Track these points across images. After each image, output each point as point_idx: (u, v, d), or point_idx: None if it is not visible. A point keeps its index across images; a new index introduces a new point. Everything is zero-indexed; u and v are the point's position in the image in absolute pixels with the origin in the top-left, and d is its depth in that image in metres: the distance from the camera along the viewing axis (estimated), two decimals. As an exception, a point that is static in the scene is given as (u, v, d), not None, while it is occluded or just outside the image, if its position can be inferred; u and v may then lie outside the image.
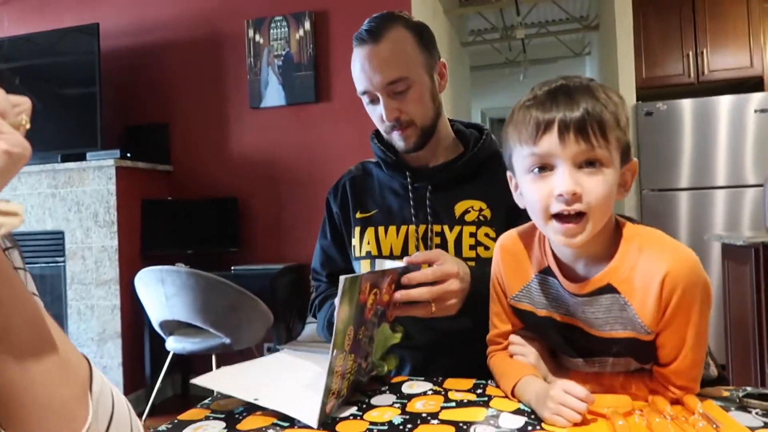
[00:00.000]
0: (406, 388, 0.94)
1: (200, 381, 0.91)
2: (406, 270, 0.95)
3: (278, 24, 3.30)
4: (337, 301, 0.77)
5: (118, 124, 3.51)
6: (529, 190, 0.79)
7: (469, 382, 0.95)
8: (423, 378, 0.99)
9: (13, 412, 0.46)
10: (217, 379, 0.95)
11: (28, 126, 0.46)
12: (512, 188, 0.87)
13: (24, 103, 0.48)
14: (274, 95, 3.31)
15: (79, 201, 3.12)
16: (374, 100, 1.13)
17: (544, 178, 0.76)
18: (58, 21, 3.50)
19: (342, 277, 0.76)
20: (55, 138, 3.22)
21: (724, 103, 3.46)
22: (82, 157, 3.15)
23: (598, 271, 0.79)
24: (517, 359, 0.91)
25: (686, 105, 3.51)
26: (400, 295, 0.92)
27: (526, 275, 0.89)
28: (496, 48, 6.36)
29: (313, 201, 3.25)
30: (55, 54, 3.30)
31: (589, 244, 0.77)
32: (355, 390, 0.89)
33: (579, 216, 0.74)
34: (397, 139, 1.15)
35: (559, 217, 0.75)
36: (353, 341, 0.82)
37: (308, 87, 3.24)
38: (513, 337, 0.94)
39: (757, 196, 3.41)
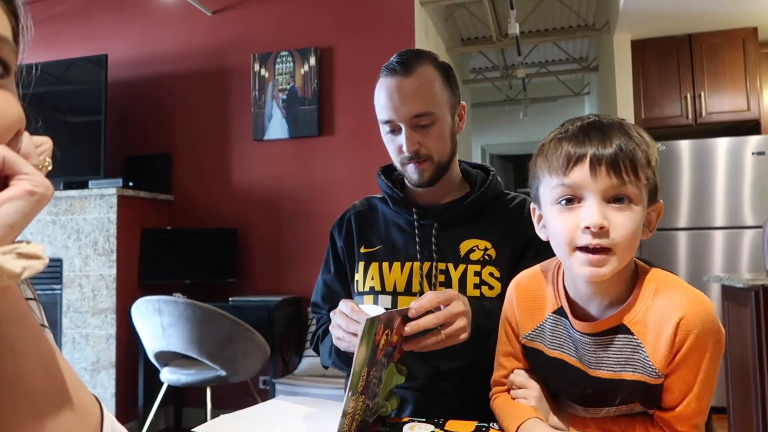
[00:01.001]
0: (407, 430, 0.92)
1: (201, 430, 0.90)
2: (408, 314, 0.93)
3: (284, 59, 3.36)
4: (356, 341, 0.77)
5: (120, 153, 3.54)
6: (554, 222, 0.78)
7: (471, 425, 0.94)
8: (425, 420, 0.98)
9: None
10: (219, 429, 0.94)
11: (50, 167, 0.46)
12: (535, 220, 0.86)
13: (46, 143, 0.48)
14: (277, 128, 3.35)
15: (79, 229, 3.12)
16: (395, 131, 1.14)
17: (572, 210, 0.75)
18: (68, 51, 3.56)
19: (365, 318, 0.76)
20: (59, 165, 3.20)
21: (722, 144, 3.50)
22: (83, 185, 3.16)
23: (612, 312, 0.79)
24: (519, 402, 0.90)
25: (684, 146, 3.55)
26: (409, 327, 0.90)
27: (540, 315, 0.88)
28: (496, 86, 6.46)
29: (313, 234, 3.25)
30: (63, 83, 3.35)
31: (608, 283, 0.76)
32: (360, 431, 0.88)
33: (604, 251, 0.73)
34: (411, 172, 1.15)
35: (584, 249, 0.74)
36: (366, 382, 0.82)
37: (311, 121, 3.28)
38: (515, 375, 0.93)
39: (756, 238, 3.41)
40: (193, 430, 0.90)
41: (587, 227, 0.73)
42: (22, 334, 0.45)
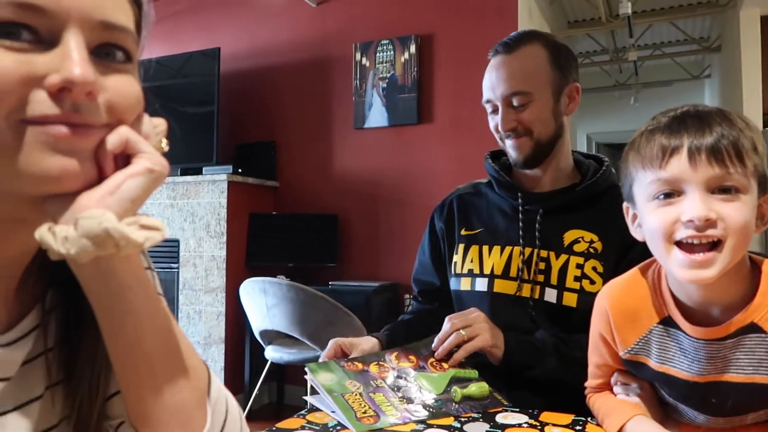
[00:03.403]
0: (501, 419, 0.91)
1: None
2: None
3: (384, 47, 3.39)
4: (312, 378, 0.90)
5: (231, 141, 3.74)
6: (650, 218, 0.72)
7: (567, 417, 0.91)
8: (518, 410, 0.96)
9: (140, 412, 0.50)
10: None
11: (166, 148, 0.50)
12: (629, 221, 0.80)
13: (161, 124, 0.52)
14: (377, 116, 3.39)
15: (194, 212, 3.35)
16: (495, 110, 1.14)
17: (671, 205, 0.69)
18: (185, 46, 3.80)
19: (306, 366, 0.90)
20: (177, 152, 3.48)
21: None
22: (198, 171, 3.38)
23: (735, 313, 0.72)
24: (621, 398, 0.86)
25: (822, 132, 3.19)
26: (438, 353, 1.02)
27: (642, 326, 0.80)
28: (605, 70, 6.13)
29: (410, 221, 3.27)
30: (180, 76, 3.59)
31: (721, 283, 0.69)
32: (434, 415, 0.90)
33: (711, 246, 0.66)
34: (510, 148, 1.15)
35: (684, 247, 0.68)
36: (374, 387, 0.91)
37: (411, 109, 3.29)
38: (618, 374, 0.89)
39: None
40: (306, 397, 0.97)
41: (690, 220, 0.66)
42: (143, 300, 0.49)
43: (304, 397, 0.95)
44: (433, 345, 1.02)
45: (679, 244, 0.69)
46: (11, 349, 0.51)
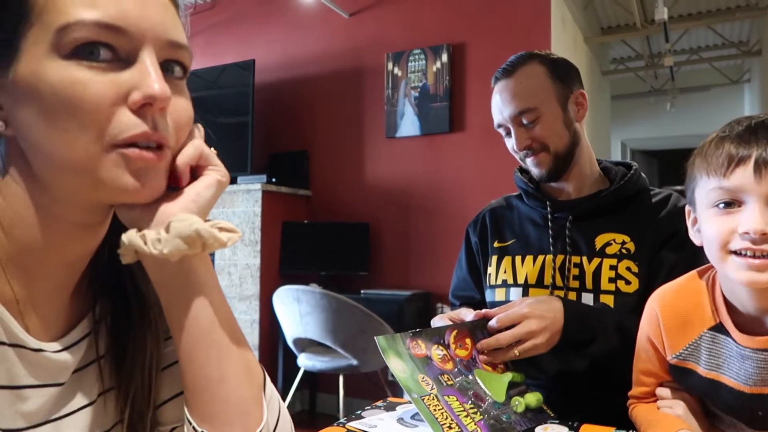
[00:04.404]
0: (540, 430, 0.90)
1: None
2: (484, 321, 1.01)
3: (416, 57, 3.40)
4: (384, 357, 0.85)
5: (264, 150, 3.79)
6: (709, 226, 0.72)
7: (608, 430, 0.89)
8: (558, 421, 0.95)
9: (204, 404, 0.52)
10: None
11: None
12: (689, 224, 0.81)
13: (201, 130, 0.56)
14: (408, 125, 3.40)
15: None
16: (508, 133, 1.17)
17: (729, 214, 0.70)
18: (220, 58, 3.88)
19: (376, 338, 0.86)
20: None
21: None
22: (233, 181, 3.44)
23: None
24: (665, 411, 0.85)
25: None
26: (480, 345, 0.99)
27: (693, 332, 0.81)
28: (640, 76, 6.03)
29: (442, 230, 3.26)
30: (215, 87, 3.67)
31: None
32: (503, 430, 0.89)
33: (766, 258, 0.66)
34: (531, 165, 1.17)
35: (740, 257, 0.68)
36: (445, 386, 0.88)
37: (443, 118, 3.30)
38: (661, 390, 0.87)
39: None
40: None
41: (746, 232, 0.66)
42: (216, 295, 0.54)
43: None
44: (477, 346, 0.99)
45: (735, 253, 0.69)
46: (66, 355, 0.53)
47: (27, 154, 0.49)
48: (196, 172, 0.54)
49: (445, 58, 3.31)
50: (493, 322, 0.99)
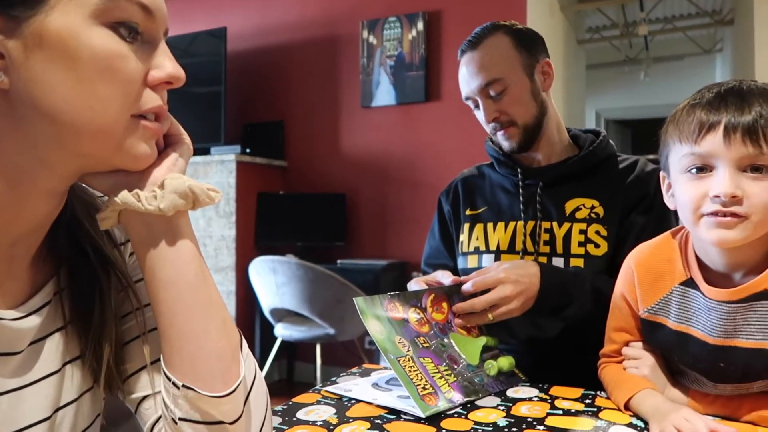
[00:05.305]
0: (511, 392, 0.93)
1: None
2: (460, 286, 1.02)
3: (392, 25, 3.36)
4: (362, 319, 0.87)
5: (239, 121, 3.74)
6: (682, 191, 0.75)
7: (577, 391, 0.92)
8: (529, 383, 0.98)
9: (187, 358, 0.54)
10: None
11: None
12: (664, 189, 0.84)
13: None
14: (384, 95, 3.38)
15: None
16: (477, 105, 1.18)
17: (701, 179, 0.72)
18: (192, 25, 3.78)
19: (355, 299, 0.87)
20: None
21: None
22: (206, 152, 3.39)
23: (753, 278, 0.75)
24: (631, 372, 0.88)
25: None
26: (456, 308, 1.00)
27: (665, 287, 0.85)
28: (615, 45, 6.04)
29: (419, 199, 3.28)
30: (187, 56, 3.57)
31: (745, 252, 0.74)
32: (475, 392, 0.91)
33: (736, 217, 0.69)
34: (501, 140, 1.18)
35: (712, 215, 0.71)
36: (421, 348, 0.90)
37: (418, 87, 3.27)
38: (627, 350, 0.91)
39: None
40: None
41: (717, 196, 0.69)
42: (198, 252, 0.57)
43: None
44: (453, 309, 1.00)
45: (707, 216, 0.72)
46: (24, 322, 0.53)
47: (22, 110, 0.47)
48: (167, 140, 0.58)
49: (420, 26, 3.27)
50: (468, 286, 1.00)
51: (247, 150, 3.41)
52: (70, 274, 0.58)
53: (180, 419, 0.52)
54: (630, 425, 0.78)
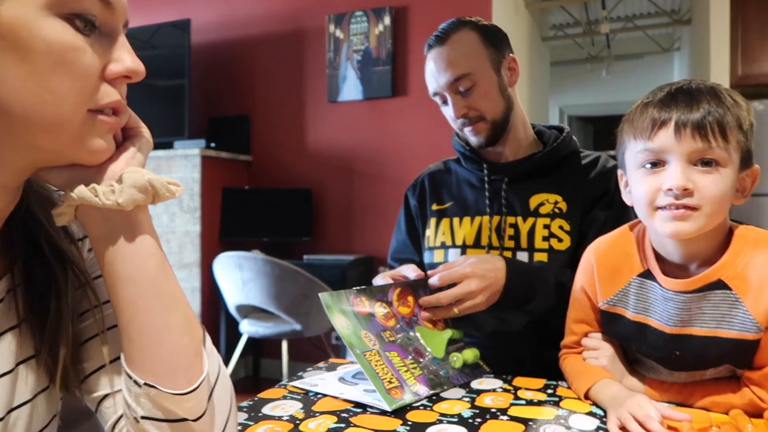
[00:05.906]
0: (476, 384, 0.94)
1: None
2: (426, 280, 1.03)
3: (358, 19, 3.35)
4: (327, 314, 0.87)
5: (203, 114, 3.68)
6: (637, 186, 0.78)
7: (539, 382, 0.94)
8: (493, 375, 0.99)
9: (148, 355, 0.53)
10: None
11: None
12: (621, 186, 0.87)
13: None
14: (351, 89, 3.37)
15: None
16: (445, 101, 1.18)
17: (655, 174, 0.76)
18: (154, 17, 3.70)
19: (321, 294, 0.88)
20: (147, 126, 3.41)
21: (830, 104, 3.20)
22: (170, 146, 3.32)
23: (707, 269, 0.78)
24: (590, 362, 0.90)
25: (786, 105, 3.27)
26: (421, 301, 1.02)
27: (622, 279, 0.88)
28: (578, 43, 6.15)
29: (385, 194, 3.28)
30: (149, 47, 3.50)
31: (699, 243, 0.77)
32: (440, 384, 0.91)
33: (689, 209, 0.73)
34: (469, 135, 1.19)
35: (665, 209, 0.74)
36: (387, 342, 0.91)
37: (385, 82, 3.28)
38: (586, 340, 0.93)
39: None
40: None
41: (669, 189, 0.73)
42: (159, 247, 0.55)
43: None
44: (420, 302, 1.02)
45: (661, 209, 0.75)
46: None
47: None
48: (125, 133, 0.57)
49: (387, 20, 3.27)
50: (434, 280, 1.01)
51: (212, 144, 3.35)
52: (25, 271, 0.57)
53: (142, 417, 0.52)
54: (590, 414, 0.80)
